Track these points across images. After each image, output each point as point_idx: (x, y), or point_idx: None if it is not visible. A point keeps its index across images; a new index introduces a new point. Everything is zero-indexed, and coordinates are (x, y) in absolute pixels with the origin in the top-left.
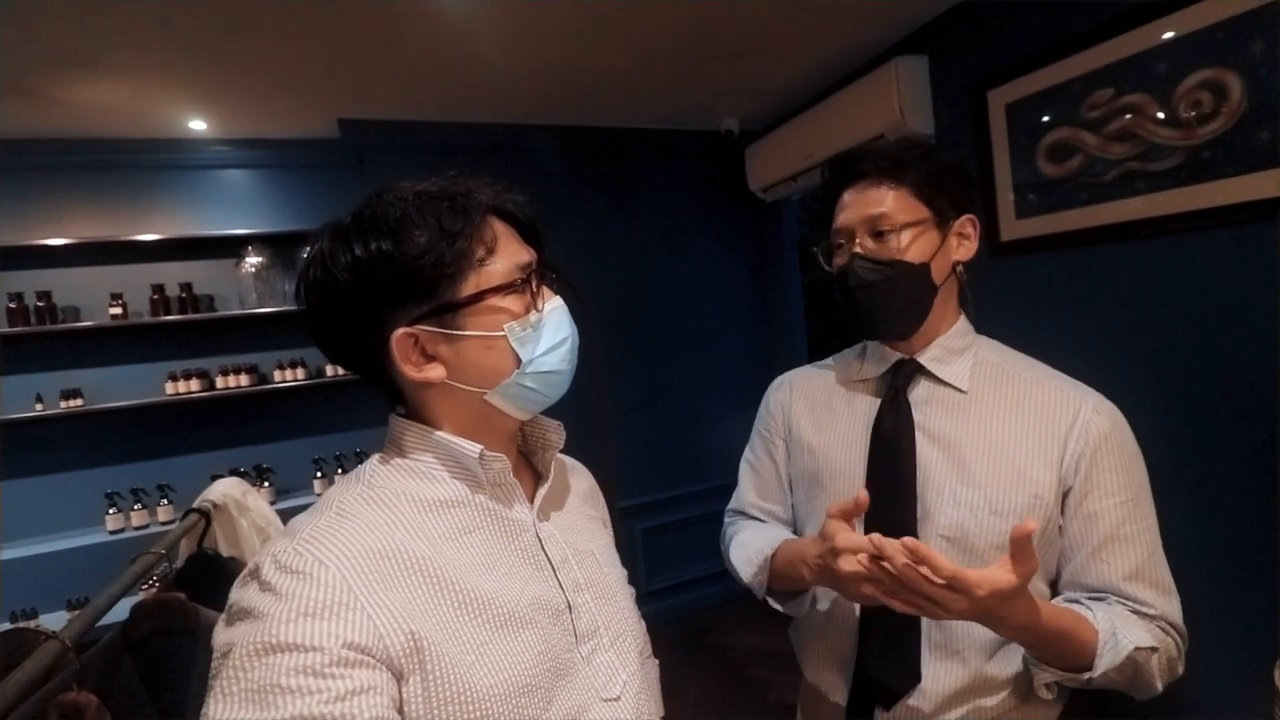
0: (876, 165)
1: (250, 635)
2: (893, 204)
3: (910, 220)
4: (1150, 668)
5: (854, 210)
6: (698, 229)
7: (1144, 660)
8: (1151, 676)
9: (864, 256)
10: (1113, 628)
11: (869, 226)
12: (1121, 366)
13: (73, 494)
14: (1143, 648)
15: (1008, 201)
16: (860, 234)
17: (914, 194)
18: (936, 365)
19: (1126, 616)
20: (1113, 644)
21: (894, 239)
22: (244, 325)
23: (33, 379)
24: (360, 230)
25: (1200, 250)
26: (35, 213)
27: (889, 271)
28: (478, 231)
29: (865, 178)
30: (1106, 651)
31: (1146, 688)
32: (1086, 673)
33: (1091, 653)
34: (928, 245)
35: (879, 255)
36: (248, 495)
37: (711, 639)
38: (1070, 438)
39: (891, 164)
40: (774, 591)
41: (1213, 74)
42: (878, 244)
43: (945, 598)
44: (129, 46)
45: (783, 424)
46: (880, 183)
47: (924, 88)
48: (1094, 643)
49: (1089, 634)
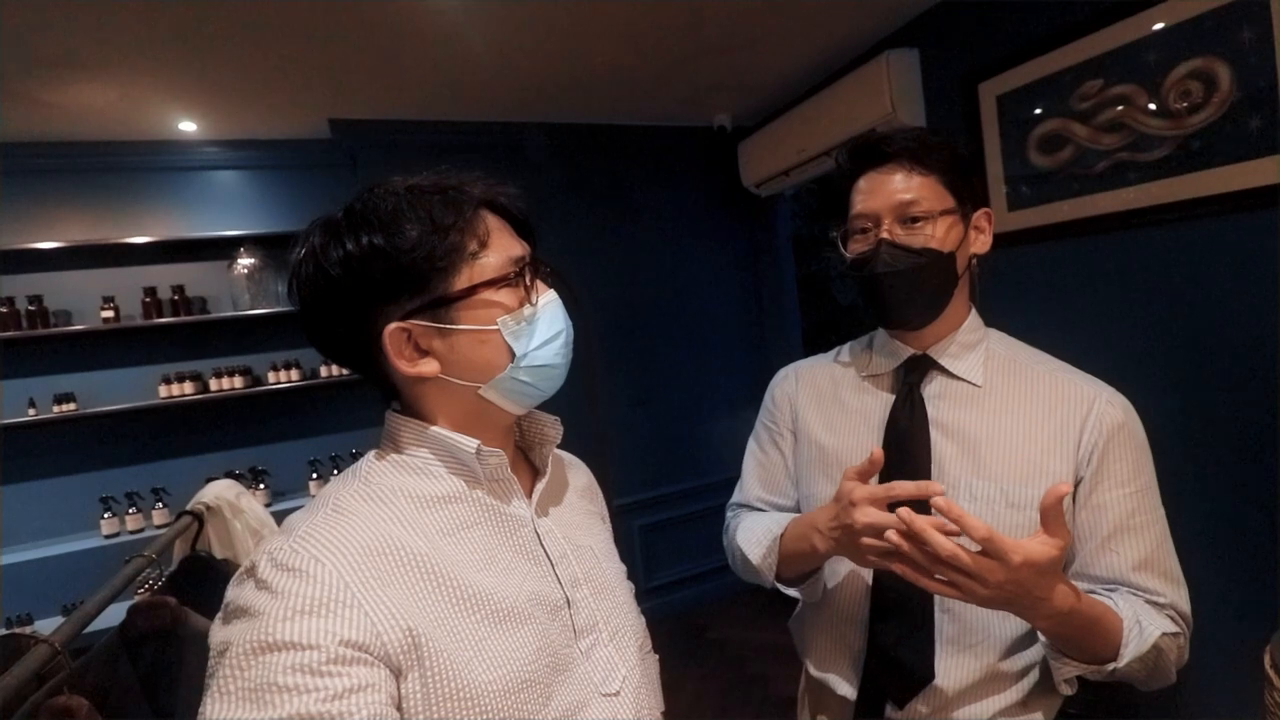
0: (906, 148)
1: (246, 634)
2: (923, 190)
3: (943, 208)
4: (1171, 655)
5: (880, 196)
6: (691, 225)
7: (1167, 647)
8: (1170, 665)
9: (893, 243)
10: (1136, 616)
11: (898, 213)
12: (1116, 356)
13: (67, 498)
14: (1168, 634)
15: (999, 193)
16: (889, 220)
17: (941, 182)
18: (950, 360)
19: (1145, 606)
20: (1138, 632)
21: (928, 226)
22: (237, 327)
23: (25, 383)
24: (352, 225)
25: (1192, 239)
26: (25, 216)
27: (919, 260)
28: (470, 225)
29: (891, 160)
30: (1132, 640)
31: (1164, 677)
32: (1111, 663)
33: (1117, 642)
34: (956, 235)
35: (910, 242)
36: (241, 497)
37: (710, 634)
38: (1085, 429)
39: (920, 148)
40: (783, 577)
41: (1202, 63)
42: (907, 231)
43: (981, 566)
44: (116, 47)
45: (789, 415)
46: (909, 168)
47: (915, 81)
48: (1119, 631)
49: (1115, 622)
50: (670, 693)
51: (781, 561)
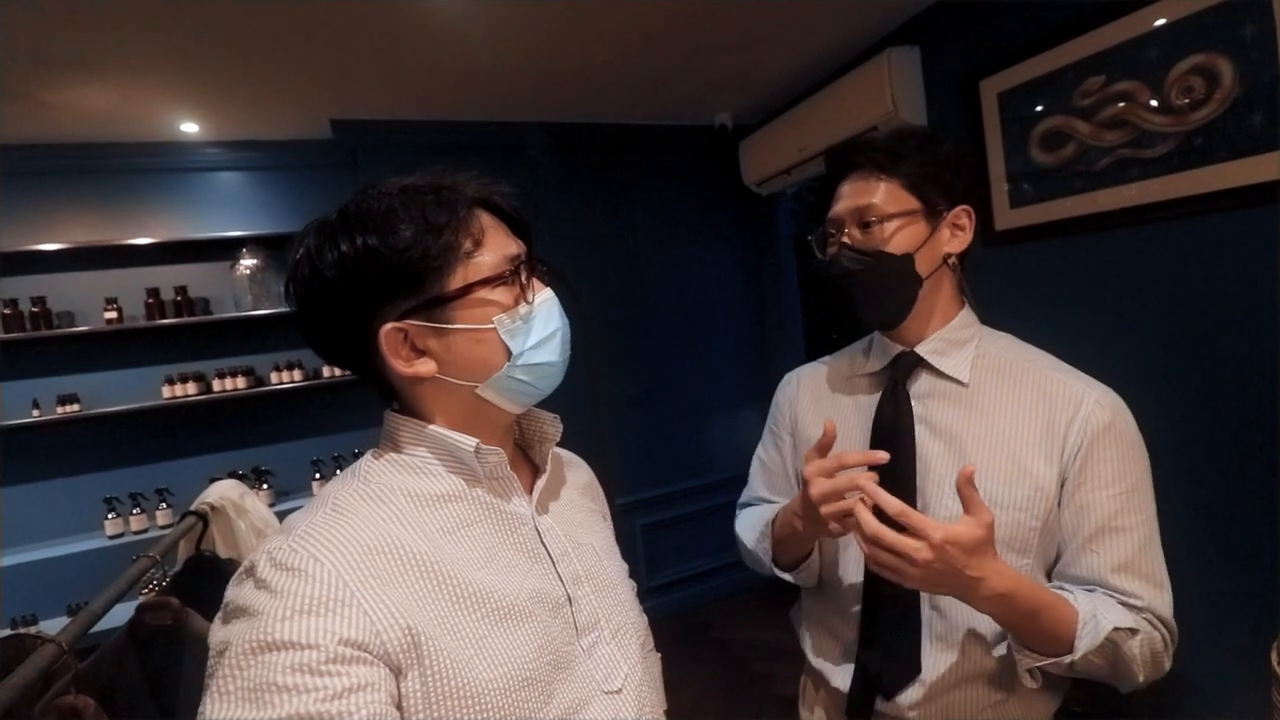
0: (869, 157)
1: (245, 633)
2: (881, 195)
3: (896, 211)
4: (1130, 651)
5: (846, 201)
6: (693, 224)
7: (1122, 641)
8: (1132, 662)
9: (849, 246)
10: (1093, 609)
11: (857, 217)
12: (1119, 354)
13: (72, 499)
14: (1121, 628)
15: (1001, 191)
16: (849, 224)
17: (904, 185)
18: (936, 358)
19: (1108, 601)
20: (1092, 625)
21: (878, 230)
22: (240, 327)
23: (29, 385)
24: (346, 226)
25: (1195, 236)
26: (28, 218)
27: (870, 262)
28: (464, 224)
29: (858, 169)
30: (1086, 633)
31: (1127, 675)
32: (1068, 655)
33: (1072, 634)
34: (913, 236)
35: (863, 245)
36: (245, 497)
37: (713, 633)
38: (1071, 430)
39: (885, 155)
40: (780, 563)
41: (1204, 59)
42: (863, 234)
43: (905, 545)
44: (118, 49)
45: (789, 419)
46: (872, 174)
47: (916, 78)
48: (1074, 622)
49: (1069, 613)
50: (673, 691)
51: (775, 546)
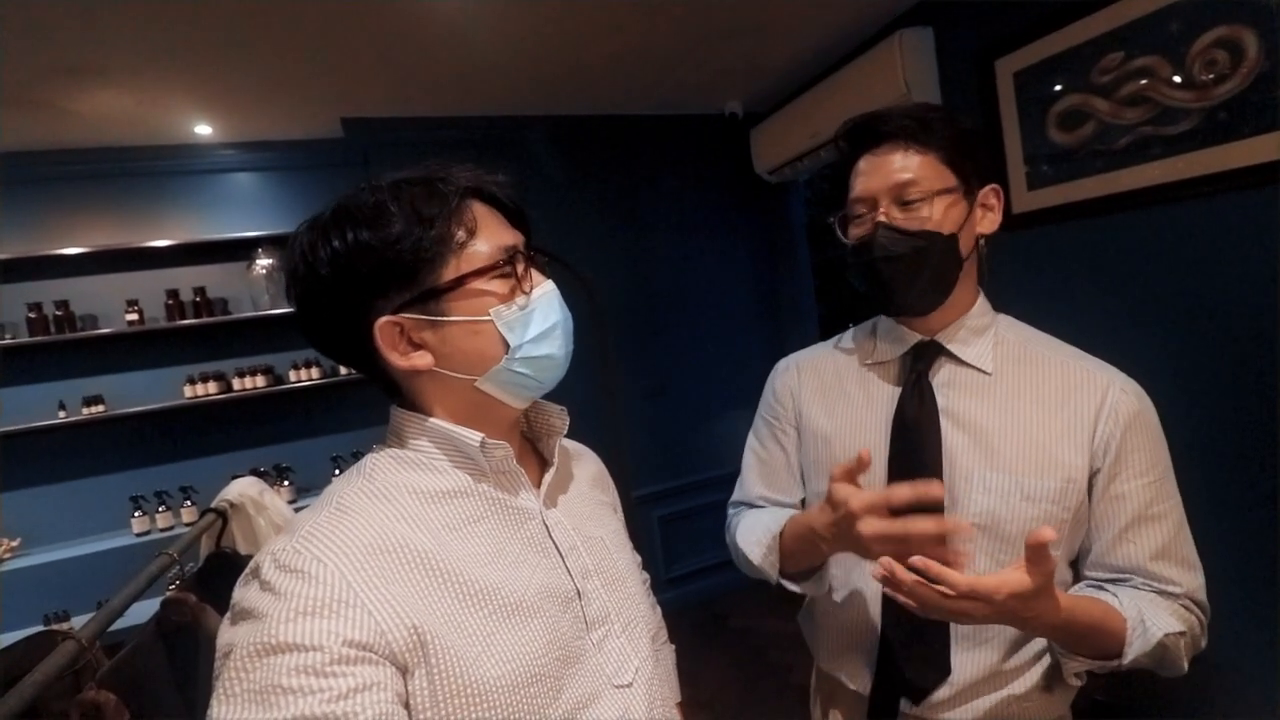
0: (902, 126)
1: (250, 636)
2: (921, 170)
3: (942, 187)
4: (1179, 650)
5: (877, 176)
6: (704, 214)
7: (1173, 644)
8: (1179, 658)
9: (890, 226)
10: (1140, 615)
11: (895, 194)
12: (1140, 338)
13: (99, 498)
14: (1171, 633)
15: (1019, 173)
16: (885, 202)
17: (942, 159)
18: (959, 347)
19: (1152, 600)
20: (1141, 631)
21: (924, 207)
22: (258, 327)
23: (54, 387)
24: (338, 222)
25: (1221, 214)
26: (49, 223)
27: (918, 243)
28: (456, 214)
29: (889, 139)
30: (1136, 639)
31: (1174, 668)
32: (1116, 659)
33: (1121, 641)
34: (958, 215)
35: (907, 225)
36: (265, 494)
37: (731, 623)
38: (1100, 419)
39: (918, 125)
40: (787, 573)
41: (1227, 31)
42: (905, 213)
43: (964, 608)
44: (132, 54)
45: (792, 409)
46: (906, 147)
47: (929, 60)
48: (1123, 631)
49: (1118, 623)
50: (692, 682)
51: (784, 558)
